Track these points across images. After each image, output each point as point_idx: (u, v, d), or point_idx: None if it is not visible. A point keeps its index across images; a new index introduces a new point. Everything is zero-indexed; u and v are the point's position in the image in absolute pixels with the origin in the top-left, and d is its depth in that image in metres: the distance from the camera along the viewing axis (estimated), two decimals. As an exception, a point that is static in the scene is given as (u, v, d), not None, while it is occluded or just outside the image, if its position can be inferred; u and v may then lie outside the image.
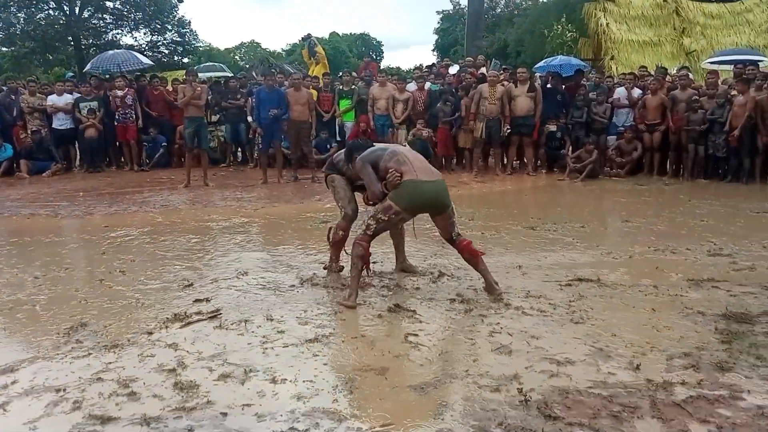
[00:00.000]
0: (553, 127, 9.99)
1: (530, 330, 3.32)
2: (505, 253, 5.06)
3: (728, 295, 3.89)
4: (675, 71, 11.43)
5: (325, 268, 4.53)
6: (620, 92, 10.17)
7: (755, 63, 10.39)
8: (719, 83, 9.62)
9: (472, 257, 4.00)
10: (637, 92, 10.06)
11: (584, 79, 10.97)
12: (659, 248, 5.10)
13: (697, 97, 9.14)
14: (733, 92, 9.06)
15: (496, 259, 4.87)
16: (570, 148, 9.87)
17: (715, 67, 11.84)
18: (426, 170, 3.89)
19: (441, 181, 3.93)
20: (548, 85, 10.37)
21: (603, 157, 9.83)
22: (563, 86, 10.50)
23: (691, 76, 10.34)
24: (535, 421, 2.39)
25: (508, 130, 9.81)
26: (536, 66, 12.19)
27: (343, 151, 4.43)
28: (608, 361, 2.94)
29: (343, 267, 4.45)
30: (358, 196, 4.44)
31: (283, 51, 48.32)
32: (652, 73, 10.86)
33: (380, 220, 3.86)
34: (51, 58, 29.13)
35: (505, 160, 10.55)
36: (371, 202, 4.07)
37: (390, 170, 3.79)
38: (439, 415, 2.44)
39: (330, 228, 4.52)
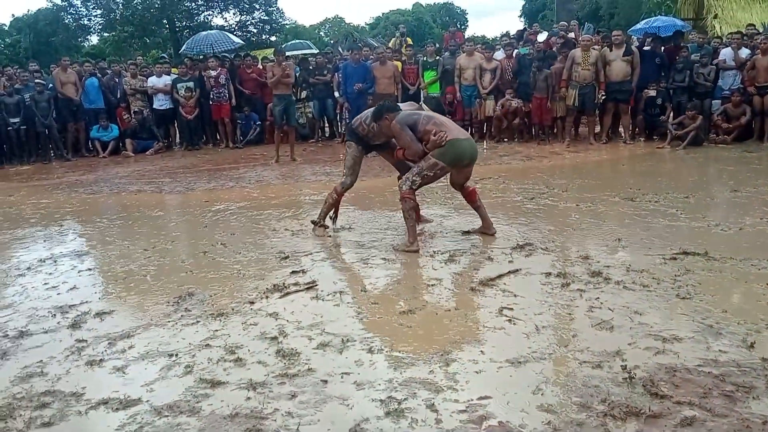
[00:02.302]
0: (652, 92, 9.44)
1: (633, 305, 3.19)
2: (602, 225, 4.88)
3: None
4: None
5: (312, 222, 5.13)
6: (726, 53, 9.45)
7: None
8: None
9: (474, 200, 4.69)
10: (745, 52, 9.31)
11: (683, 41, 10.26)
12: (773, 220, 4.74)
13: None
14: None
15: (591, 231, 4.72)
16: (671, 114, 9.31)
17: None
18: (459, 129, 4.58)
19: (472, 139, 4.65)
20: (646, 48, 9.78)
21: (707, 123, 9.21)
22: (662, 48, 9.88)
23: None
24: (641, 399, 2.30)
25: (603, 97, 9.37)
26: (633, 28, 11.51)
27: (361, 116, 4.93)
28: (719, 338, 2.78)
29: (328, 226, 5.07)
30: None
31: (367, 25, 48.35)
32: (762, 31, 9.99)
33: (426, 176, 4.41)
34: (148, 41, 30.66)
35: (599, 128, 10.11)
36: (408, 159, 4.57)
37: (435, 132, 4.28)
38: (539, 390, 2.40)
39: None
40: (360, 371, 2.63)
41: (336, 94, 11.17)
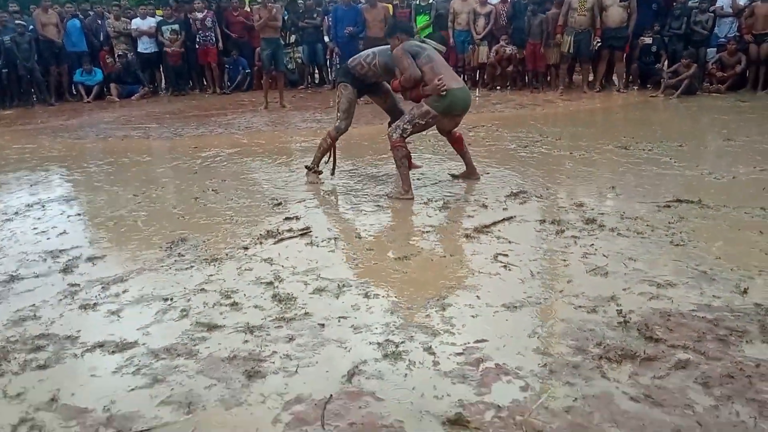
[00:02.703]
0: (648, 40, 9.31)
1: (627, 252, 3.20)
2: (595, 173, 4.86)
3: None
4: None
5: (305, 167, 5.01)
6: (723, 0, 9.29)
7: None
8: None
9: (461, 147, 4.70)
10: (743, -1, 9.17)
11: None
12: (766, 168, 4.75)
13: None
14: None
15: (585, 179, 4.71)
16: (666, 63, 9.20)
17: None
18: (455, 78, 4.47)
19: (466, 88, 4.53)
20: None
21: (702, 71, 9.12)
22: (660, -6, 9.69)
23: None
24: (636, 342, 2.32)
25: (599, 44, 9.22)
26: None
27: (360, 55, 4.78)
28: (712, 284, 2.81)
29: (321, 171, 4.97)
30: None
31: (356, -33, 46.93)
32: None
33: (417, 125, 4.36)
34: (131, -18, 29.58)
35: (592, 77, 9.99)
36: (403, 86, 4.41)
37: (438, 78, 4.21)
38: (535, 334, 2.42)
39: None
40: (357, 315, 2.63)
41: (326, 38, 10.90)
